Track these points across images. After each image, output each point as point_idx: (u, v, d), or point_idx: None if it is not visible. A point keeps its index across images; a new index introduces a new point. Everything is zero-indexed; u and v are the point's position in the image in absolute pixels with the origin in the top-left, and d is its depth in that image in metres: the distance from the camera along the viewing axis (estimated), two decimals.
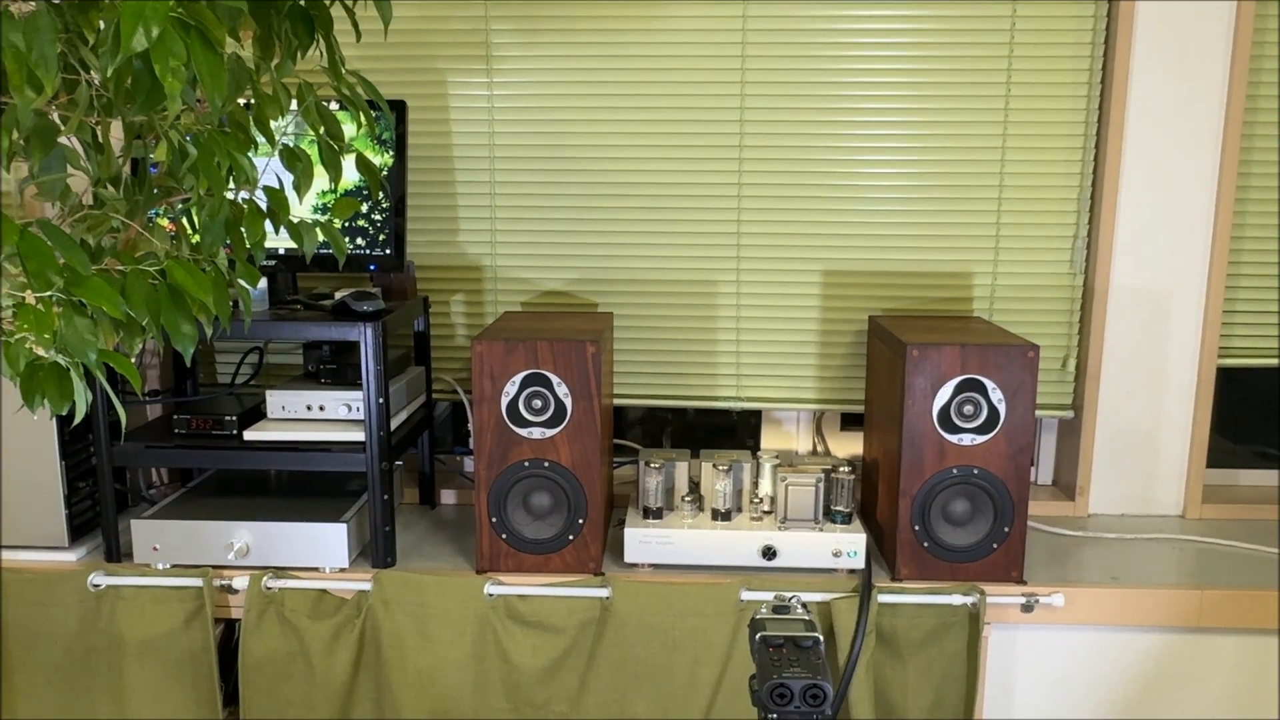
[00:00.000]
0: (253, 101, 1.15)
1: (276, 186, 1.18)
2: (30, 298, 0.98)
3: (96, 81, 1.06)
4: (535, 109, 2.06)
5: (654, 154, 2.07)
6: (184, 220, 1.21)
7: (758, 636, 1.16)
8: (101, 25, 0.98)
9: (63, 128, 1.05)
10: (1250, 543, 1.96)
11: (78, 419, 0.98)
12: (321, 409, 1.84)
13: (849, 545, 1.77)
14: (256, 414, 1.89)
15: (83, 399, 0.99)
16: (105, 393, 1.75)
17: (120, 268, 1.02)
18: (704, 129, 2.05)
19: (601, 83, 2.04)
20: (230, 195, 1.15)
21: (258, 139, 1.18)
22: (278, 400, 1.84)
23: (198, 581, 1.75)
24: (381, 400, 1.75)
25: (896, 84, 2.01)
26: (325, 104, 1.20)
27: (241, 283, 1.14)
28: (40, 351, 0.93)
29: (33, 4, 0.98)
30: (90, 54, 0.99)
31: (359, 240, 1.90)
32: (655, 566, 1.80)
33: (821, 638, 1.16)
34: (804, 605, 1.23)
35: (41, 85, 0.90)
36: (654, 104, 2.05)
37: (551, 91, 2.05)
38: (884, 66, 2.01)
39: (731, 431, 2.35)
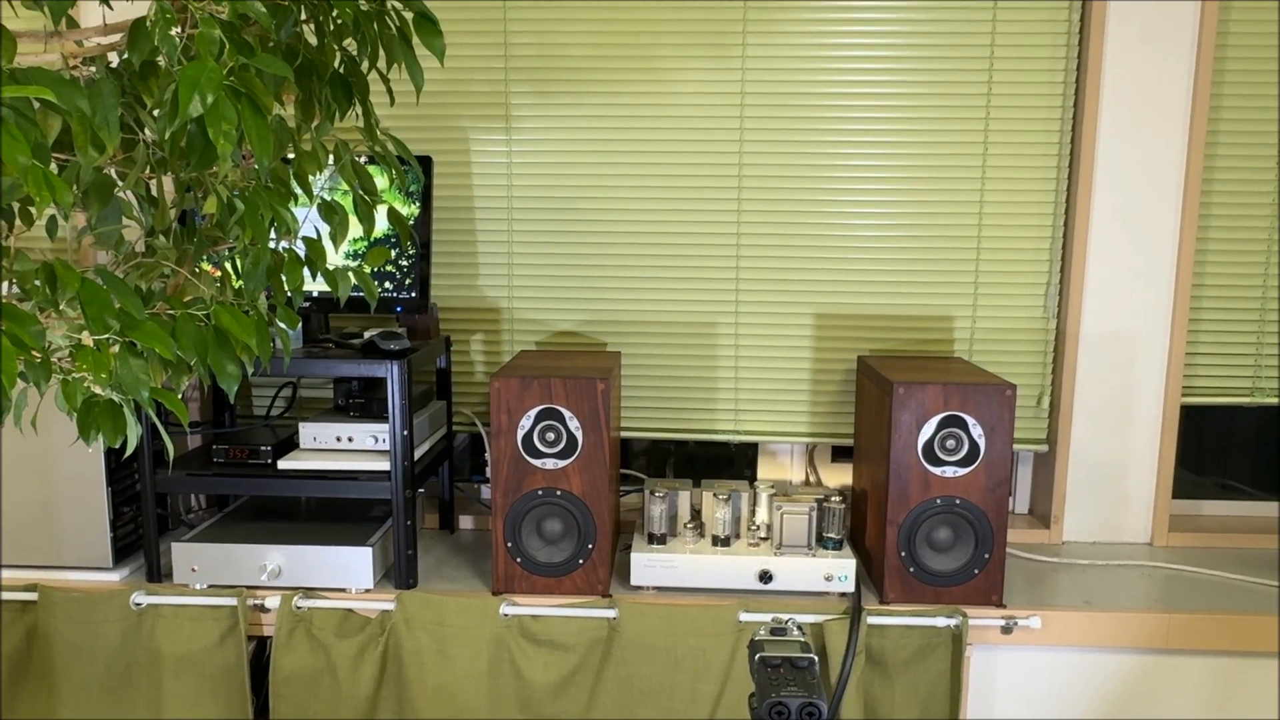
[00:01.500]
0: (293, 157, 1.16)
1: (314, 236, 1.20)
2: (87, 339, 0.99)
3: (152, 140, 1.08)
4: (550, 163, 2.08)
5: (659, 205, 2.08)
6: (228, 266, 1.22)
7: (756, 657, 1.16)
8: (159, 90, 1.00)
9: (120, 183, 1.06)
10: (1214, 569, 1.95)
11: (129, 451, 0.99)
12: (350, 440, 1.84)
13: (840, 570, 1.76)
14: (290, 444, 1.90)
15: (134, 432, 1.00)
16: (152, 425, 1.75)
17: (170, 311, 1.03)
18: (705, 182, 2.07)
19: (611, 139, 2.06)
20: (271, 244, 1.16)
21: (297, 192, 1.20)
22: (310, 432, 1.84)
23: (232, 601, 1.74)
24: (406, 433, 1.75)
25: (882, 142, 2.03)
26: (359, 159, 1.21)
27: (282, 325, 1.15)
28: (96, 389, 0.93)
29: (94, 69, 1.00)
30: (148, 116, 1.01)
31: (387, 284, 1.91)
32: (659, 589, 1.79)
33: (816, 659, 1.15)
34: (800, 628, 1.22)
35: (104, 146, 0.91)
36: (659, 159, 2.07)
37: (565, 147, 2.07)
38: (871, 126, 2.03)
39: (730, 462, 2.34)
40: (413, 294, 1.91)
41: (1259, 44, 1.97)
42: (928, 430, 1.72)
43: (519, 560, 1.76)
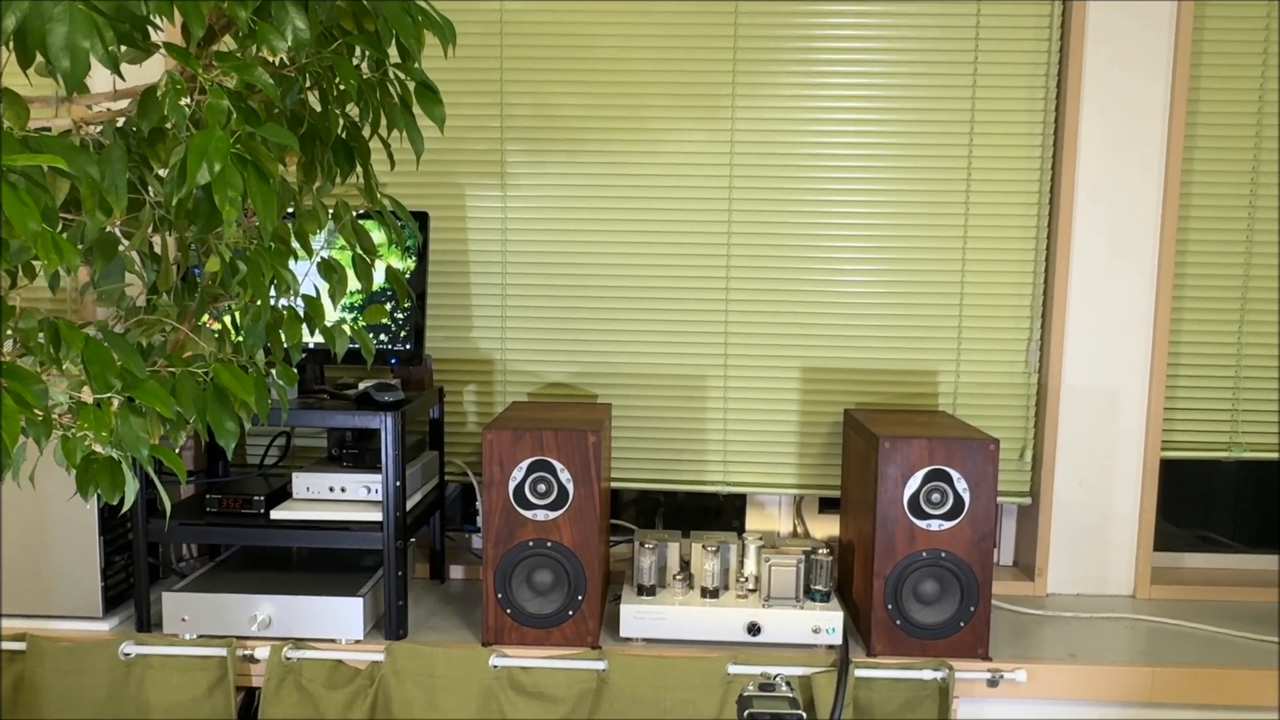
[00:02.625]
0: (294, 215, 1.18)
1: (314, 294, 1.21)
2: (87, 396, 0.99)
3: (157, 201, 1.09)
4: (544, 219, 2.11)
5: (649, 260, 2.11)
6: (227, 320, 1.23)
7: (745, 713, 1.15)
8: (166, 154, 1.01)
9: (125, 243, 1.07)
10: (1197, 623, 1.95)
11: (125, 508, 0.99)
12: (343, 490, 1.84)
13: (827, 622, 1.75)
14: (283, 494, 1.89)
15: (131, 489, 1.00)
16: (147, 477, 1.75)
17: (171, 369, 1.03)
18: (694, 238, 2.09)
19: (603, 197, 2.09)
20: (271, 301, 1.17)
21: (296, 249, 1.21)
22: (303, 482, 1.84)
23: (222, 651, 1.72)
24: (399, 483, 1.75)
25: (867, 200, 2.07)
26: (357, 217, 1.23)
27: (280, 382, 1.15)
28: (96, 447, 0.94)
29: (102, 130, 1.02)
30: (155, 179, 1.02)
31: (383, 335, 1.92)
32: (648, 641, 1.78)
33: (804, 715, 1.15)
34: (788, 683, 1.22)
35: (111, 209, 0.93)
36: (649, 216, 2.09)
37: (558, 204, 2.10)
38: (856, 185, 2.06)
39: (719, 512, 2.34)
40: (408, 346, 1.92)
41: (1227, 128, 2.02)
42: (913, 484, 1.72)
43: (509, 611, 1.75)
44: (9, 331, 0.96)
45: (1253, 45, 2.00)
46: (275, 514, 1.79)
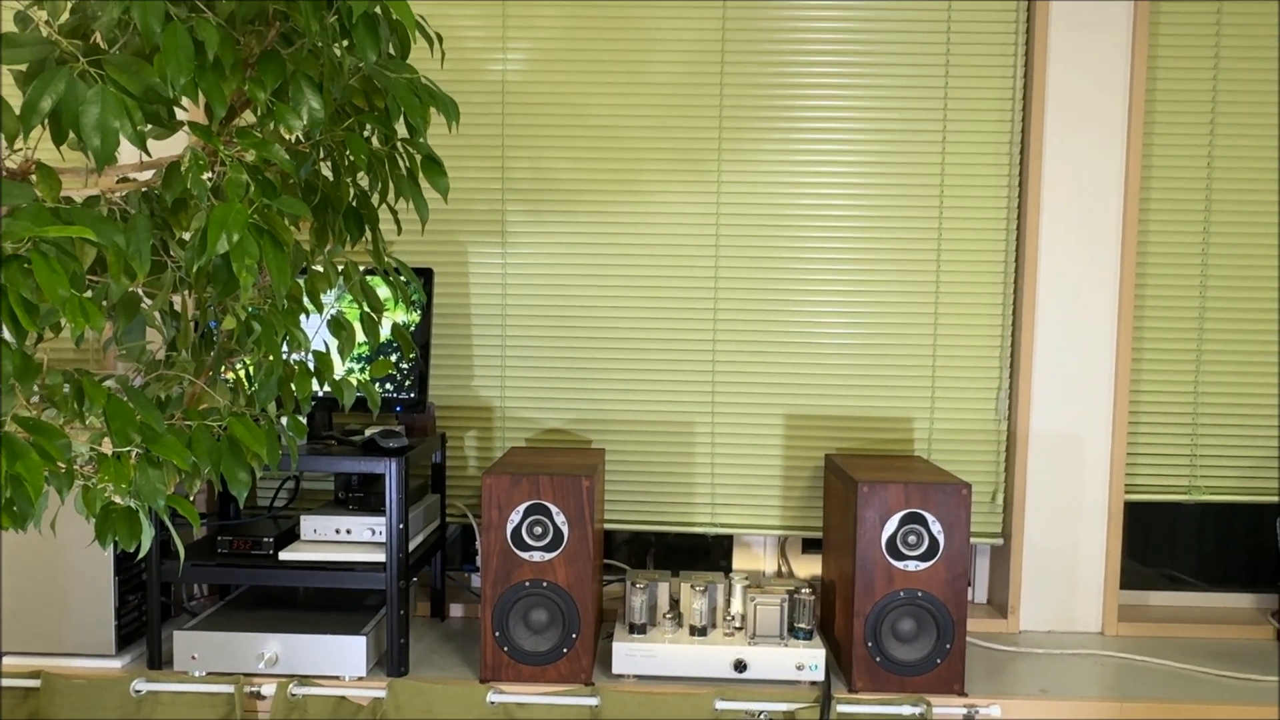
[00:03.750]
0: (307, 275, 1.20)
1: (323, 349, 1.22)
2: (107, 447, 1.00)
3: (178, 264, 1.11)
4: (541, 275, 2.13)
5: (641, 313, 2.13)
6: (240, 373, 1.24)
7: None
8: (188, 221, 1.03)
9: (148, 302, 1.09)
10: (1163, 658, 1.94)
11: (142, 554, 0.99)
12: (349, 532, 1.84)
13: (810, 659, 1.75)
14: (291, 535, 1.89)
15: (148, 536, 1.00)
16: (161, 522, 1.75)
17: (188, 422, 1.05)
18: (683, 292, 2.12)
19: (597, 254, 2.12)
20: (284, 355, 1.18)
21: (308, 306, 1.23)
22: (311, 524, 1.84)
23: (230, 688, 1.71)
24: (402, 526, 1.75)
25: (846, 259, 2.09)
26: (365, 273, 1.25)
27: (290, 433, 1.16)
28: (116, 498, 0.94)
29: (122, 193, 1.04)
30: (177, 246, 1.04)
31: (388, 384, 1.93)
32: (639, 677, 1.77)
33: None
34: None
35: (135, 274, 0.95)
36: (641, 272, 2.12)
37: (555, 261, 2.13)
38: (836, 245, 2.09)
39: (707, 552, 2.34)
40: (412, 394, 1.94)
41: (1179, 200, 2.06)
42: (890, 526, 1.73)
43: (506, 649, 1.74)
44: (36, 387, 0.97)
45: (1200, 130, 2.05)
46: (284, 555, 1.79)
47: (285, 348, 1.16)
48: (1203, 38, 2.04)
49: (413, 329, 1.94)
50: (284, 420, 1.21)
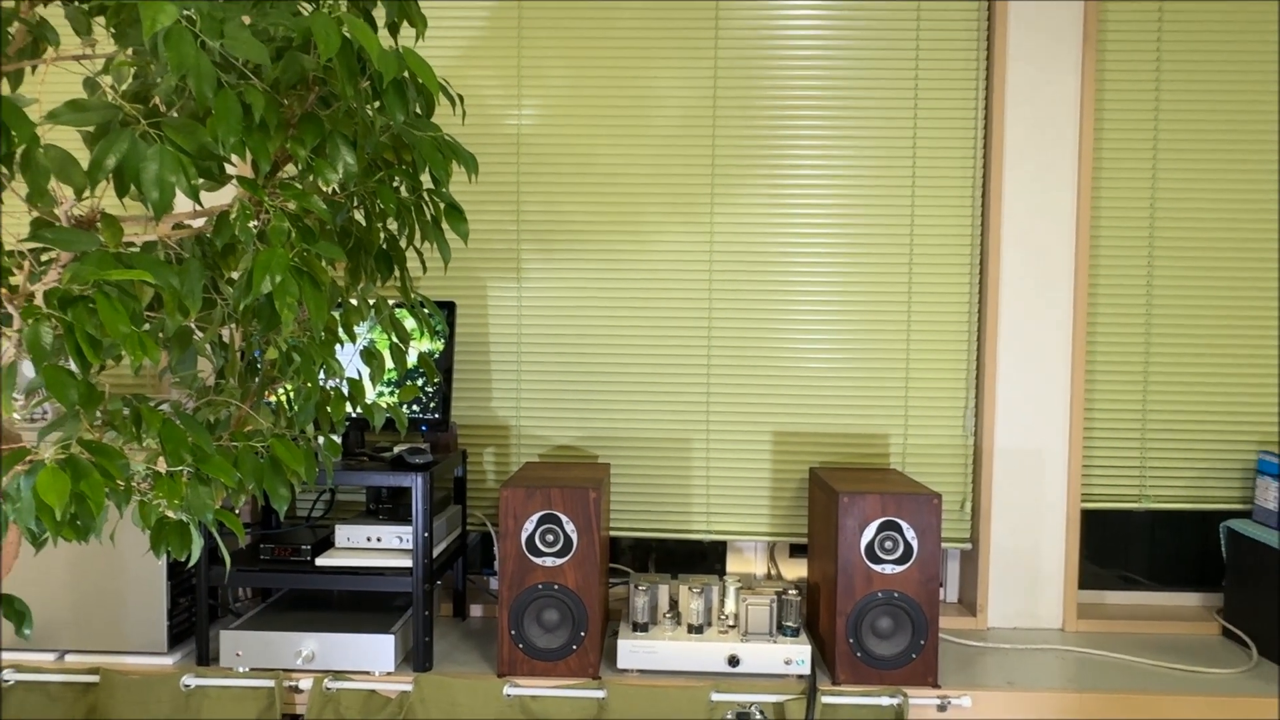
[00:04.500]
0: (341, 310, 1.21)
1: (356, 377, 1.23)
2: (161, 466, 1.01)
3: (226, 301, 1.12)
4: (552, 307, 2.14)
5: (642, 340, 2.13)
6: (281, 397, 1.25)
7: None
8: (235, 264, 1.05)
9: (199, 335, 1.10)
10: (1119, 652, 1.93)
11: (192, 563, 0.99)
12: (379, 540, 1.83)
13: (797, 655, 1.74)
14: (326, 543, 1.89)
15: (197, 546, 1.00)
16: (209, 533, 1.75)
17: (233, 443, 1.05)
18: (680, 322, 2.13)
19: (603, 287, 2.13)
20: (320, 381, 1.19)
21: (342, 338, 1.24)
22: (345, 533, 1.84)
23: (270, 683, 1.70)
24: (427, 534, 1.75)
25: (826, 294, 2.10)
26: (393, 307, 1.26)
27: (327, 453, 1.17)
28: (169, 513, 0.95)
29: (177, 238, 1.05)
30: (225, 285, 1.05)
31: (414, 406, 1.94)
32: (642, 672, 1.76)
33: None
34: (762, 712, 1.21)
35: (188, 311, 0.96)
36: (642, 303, 2.13)
37: (565, 294, 2.14)
38: (816, 280, 2.10)
39: (703, 556, 2.33)
40: (436, 415, 1.94)
41: (1127, 220, 2.07)
42: (869, 533, 1.73)
43: (521, 646, 1.73)
44: (98, 412, 0.98)
45: (1142, 175, 2.07)
46: (320, 561, 1.79)
47: (322, 375, 1.17)
48: (1144, 92, 2.06)
49: (436, 356, 1.94)
50: (320, 440, 1.21)
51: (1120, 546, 2.28)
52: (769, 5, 2.08)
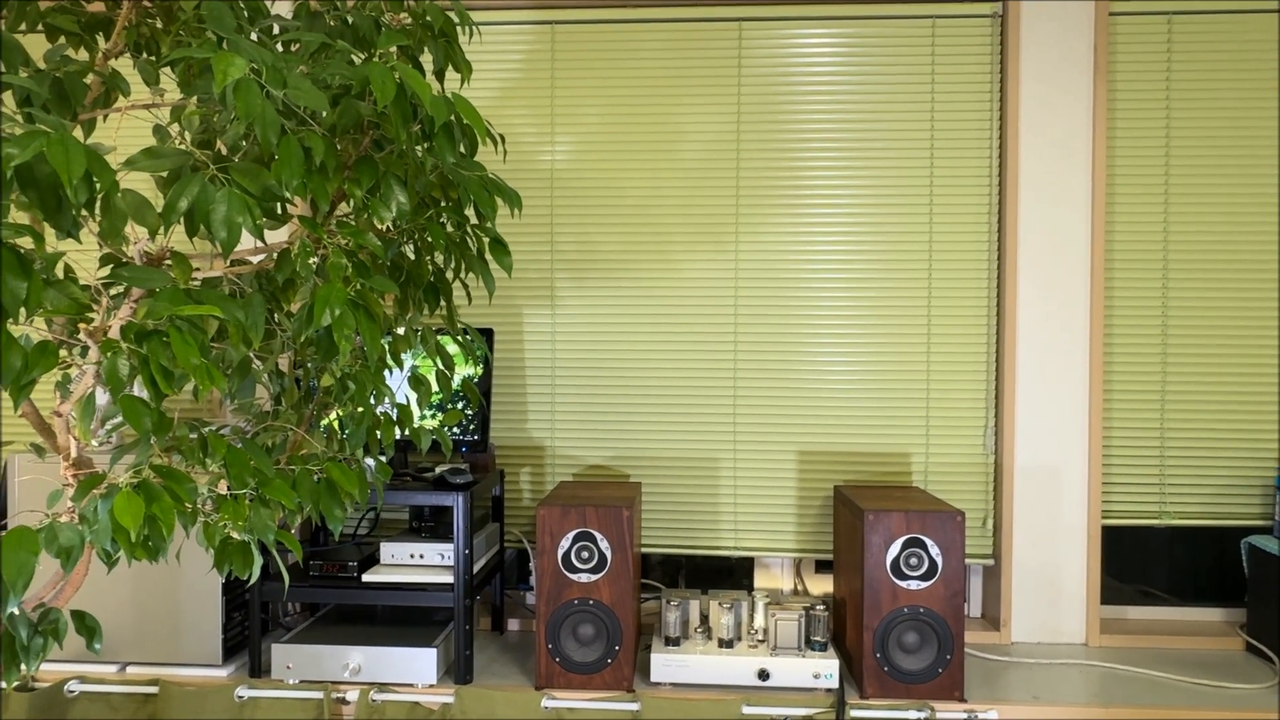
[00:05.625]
0: (391, 339, 1.22)
1: (404, 402, 1.24)
2: (222, 487, 1.02)
3: (286, 332, 1.14)
4: (585, 332, 2.15)
5: (671, 364, 2.14)
6: (335, 423, 1.26)
7: None
8: (295, 297, 1.07)
9: (259, 364, 1.12)
10: (1142, 667, 1.89)
11: (252, 582, 1.01)
12: (422, 557, 1.84)
13: (825, 669, 1.72)
14: (372, 560, 1.90)
15: (258, 565, 1.02)
16: (266, 551, 1.76)
17: (291, 466, 1.07)
18: (707, 346, 2.13)
19: (633, 313, 2.14)
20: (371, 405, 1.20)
21: (390, 364, 1.25)
22: (389, 550, 1.85)
23: (319, 695, 1.71)
24: (468, 551, 1.75)
25: (849, 316, 2.10)
26: (436, 333, 1.27)
27: (378, 475, 1.18)
28: (233, 533, 0.96)
29: (246, 267, 1.07)
30: (285, 317, 1.07)
31: (455, 428, 1.95)
32: (674, 685, 1.75)
33: None
34: None
35: (251, 342, 0.97)
36: (671, 328, 2.14)
37: (597, 320, 2.15)
38: (839, 303, 2.10)
39: (730, 571, 2.31)
40: (475, 437, 1.95)
41: (1141, 241, 2.05)
42: (894, 550, 1.71)
43: (558, 660, 1.73)
44: (167, 438, 1.00)
45: (1155, 197, 2.05)
46: (366, 577, 1.80)
47: (372, 400, 1.18)
48: (1154, 112, 2.04)
49: (475, 380, 1.96)
50: (369, 462, 1.23)
51: (1140, 562, 2.24)
52: (789, 36, 2.10)
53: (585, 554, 1.73)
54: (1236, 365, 2.04)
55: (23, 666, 0.93)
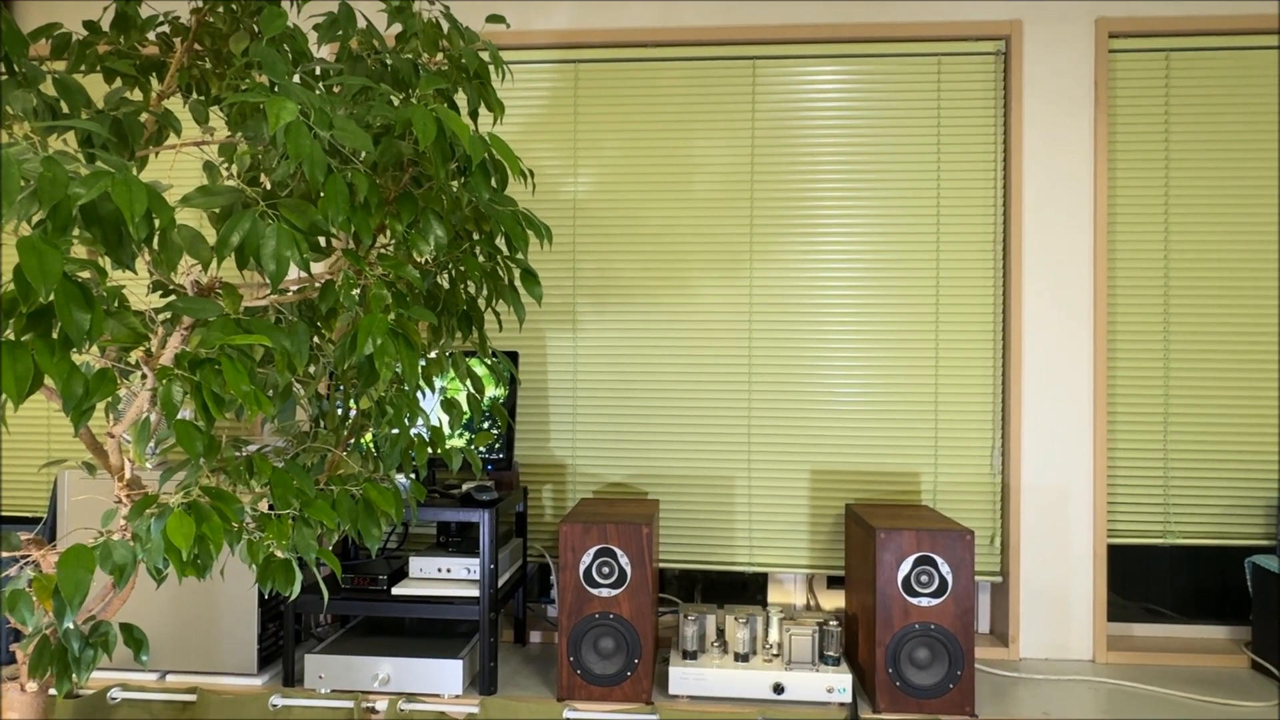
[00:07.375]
0: (424, 364, 1.23)
1: (437, 424, 1.25)
2: (263, 506, 1.03)
3: (327, 358, 1.15)
4: (605, 356, 2.16)
5: (688, 386, 2.14)
6: (368, 442, 1.27)
7: None
8: (338, 326, 1.08)
9: (302, 391, 1.13)
10: (1149, 684, 1.85)
11: (293, 598, 1.01)
12: (449, 571, 1.84)
13: (839, 683, 1.70)
14: (401, 573, 1.90)
15: (298, 582, 1.02)
16: (304, 566, 1.77)
17: (330, 486, 1.07)
18: (722, 368, 2.13)
19: (652, 337, 2.14)
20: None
21: (424, 389, 1.26)
22: (418, 564, 1.85)
23: (349, 704, 1.70)
24: (493, 566, 1.75)
25: (860, 341, 2.09)
26: (464, 354, 1.28)
27: (411, 494, 1.18)
28: (277, 552, 0.96)
29: (289, 297, 1.08)
30: (328, 345, 1.08)
31: (482, 447, 1.95)
32: (692, 698, 1.74)
33: None
34: None
35: (295, 368, 0.98)
36: (687, 352, 2.14)
37: (616, 344, 2.15)
38: (850, 327, 2.10)
39: (744, 587, 2.30)
40: (500, 455, 1.96)
41: (1142, 267, 2.04)
42: (905, 567, 1.69)
43: (579, 672, 1.72)
44: (216, 460, 1.01)
45: (1155, 225, 2.04)
46: (396, 590, 1.80)
47: (407, 421, 1.19)
48: (1154, 140, 2.04)
49: (501, 401, 1.97)
50: (403, 480, 1.23)
51: (1145, 580, 2.20)
52: (801, 73, 2.11)
53: (606, 569, 1.72)
54: (1238, 388, 2.02)
55: (74, 676, 0.93)
